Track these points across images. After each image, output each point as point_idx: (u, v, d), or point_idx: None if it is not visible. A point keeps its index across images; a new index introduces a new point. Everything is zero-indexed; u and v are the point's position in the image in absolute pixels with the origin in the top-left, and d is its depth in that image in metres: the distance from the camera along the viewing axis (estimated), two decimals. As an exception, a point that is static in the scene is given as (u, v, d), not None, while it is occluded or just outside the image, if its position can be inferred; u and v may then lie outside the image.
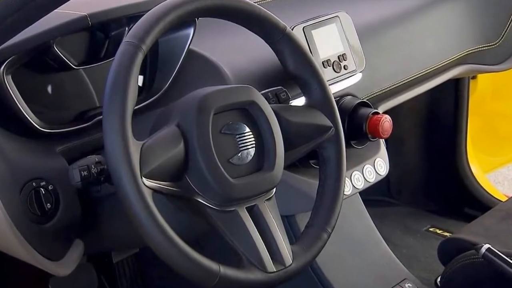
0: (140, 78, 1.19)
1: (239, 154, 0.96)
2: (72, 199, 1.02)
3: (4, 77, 1.01)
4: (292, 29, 1.19)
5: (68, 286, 1.51)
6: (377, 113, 1.30)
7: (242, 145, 0.97)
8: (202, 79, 1.19)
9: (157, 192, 0.89)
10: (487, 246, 1.18)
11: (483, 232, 1.31)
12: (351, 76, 1.33)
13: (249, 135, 0.98)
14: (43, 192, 0.99)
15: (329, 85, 1.12)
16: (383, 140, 1.40)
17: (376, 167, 1.35)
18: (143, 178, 0.86)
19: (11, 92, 1.02)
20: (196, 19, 1.18)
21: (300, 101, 1.17)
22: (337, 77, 1.30)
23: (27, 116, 1.03)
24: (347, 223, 1.38)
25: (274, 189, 1.01)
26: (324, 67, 1.28)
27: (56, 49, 1.08)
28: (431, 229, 1.95)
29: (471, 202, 2.01)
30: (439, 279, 1.34)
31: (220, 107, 0.96)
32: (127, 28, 1.17)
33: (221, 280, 0.89)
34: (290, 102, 1.16)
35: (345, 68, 1.31)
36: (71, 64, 1.10)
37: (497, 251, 1.17)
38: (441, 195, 2.08)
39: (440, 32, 1.59)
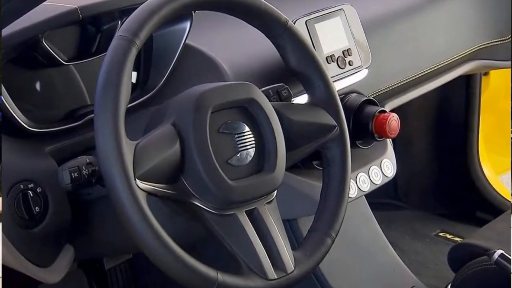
0: (134, 74, 1.19)
1: (238, 155, 0.96)
2: (61, 202, 1.02)
3: (-10, 74, 1.01)
4: (294, 23, 1.19)
5: (58, 294, 1.52)
6: (384, 111, 1.30)
7: (241, 145, 0.97)
8: (199, 76, 1.19)
9: (152, 195, 0.89)
10: (500, 251, 1.18)
11: (496, 237, 1.31)
12: (356, 72, 1.33)
13: (249, 134, 0.98)
14: (31, 195, 0.99)
15: (333, 82, 1.12)
16: (390, 140, 1.40)
17: (383, 168, 1.35)
18: (137, 180, 0.86)
19: (-2, 89, 1.02)
20: (193, 12, 1.18)
21: (302, 99, 1.17)
22: (341, 73, 1.30)
23: (14, 115, 1.03)
24: (352, 227, 1.38)
25: (275, 192, 1.01)
26: (328, 63, 1.28)
27: (45, 44, 1.08)
28: (440, 234, 1.95)
29: (483, 205, 2.01)
30: (449, 287, 1.34)
31: (218, 105, 0.95)
32: (119, 22, 1.17)
33: (219, 288, 0.89)
34: (292, 99, 1.16)
35: (350, 64, 1.31)
36: (60, 60, 1.11)
37: (510, 257, 1.17)
38: (452, 198, 2.08)
39: (451, 26, 1.59)
